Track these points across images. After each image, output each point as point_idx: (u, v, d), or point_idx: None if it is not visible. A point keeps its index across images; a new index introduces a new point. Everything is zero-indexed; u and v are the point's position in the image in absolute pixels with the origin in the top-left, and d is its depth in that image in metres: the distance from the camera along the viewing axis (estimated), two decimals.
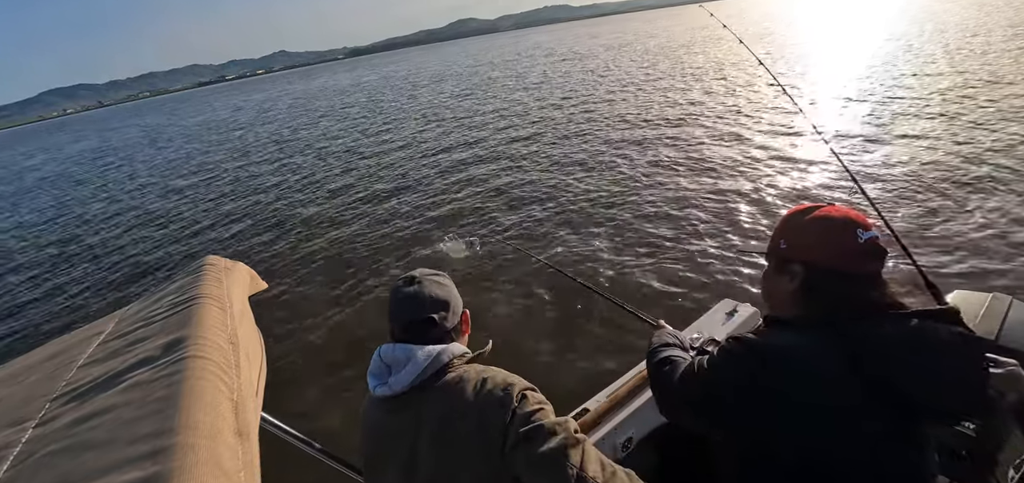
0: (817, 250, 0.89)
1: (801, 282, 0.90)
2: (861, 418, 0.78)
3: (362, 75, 57.43)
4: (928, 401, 0.78)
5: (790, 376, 0.81)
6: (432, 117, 16.40)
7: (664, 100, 12.49)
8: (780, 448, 0.82)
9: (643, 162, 7.63)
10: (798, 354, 0.82)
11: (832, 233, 0.88)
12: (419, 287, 1.05)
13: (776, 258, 0.97)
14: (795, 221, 0.95)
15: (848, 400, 0.78)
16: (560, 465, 0.86)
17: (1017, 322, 1.49)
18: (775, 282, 0.97)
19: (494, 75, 28.41)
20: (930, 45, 14.64)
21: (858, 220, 0.87)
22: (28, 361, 0.93)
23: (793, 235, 0.94)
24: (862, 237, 0.85)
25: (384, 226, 6.78)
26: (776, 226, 1.00)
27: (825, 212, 0.92)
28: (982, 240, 4.02)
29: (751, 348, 0.87)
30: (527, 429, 0.89)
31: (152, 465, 0.49)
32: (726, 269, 4.24)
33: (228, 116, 29.55)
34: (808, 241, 0.91)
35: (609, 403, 1.71)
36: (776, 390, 0.81)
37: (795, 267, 0.91)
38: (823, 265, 0.88)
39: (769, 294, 1.01)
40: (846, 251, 0.86)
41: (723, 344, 0.94)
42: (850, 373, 0.78)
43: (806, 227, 0.92)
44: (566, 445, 0.87)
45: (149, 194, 12.20)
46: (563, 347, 3.63)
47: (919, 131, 6.96)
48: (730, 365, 0.89)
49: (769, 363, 0.83)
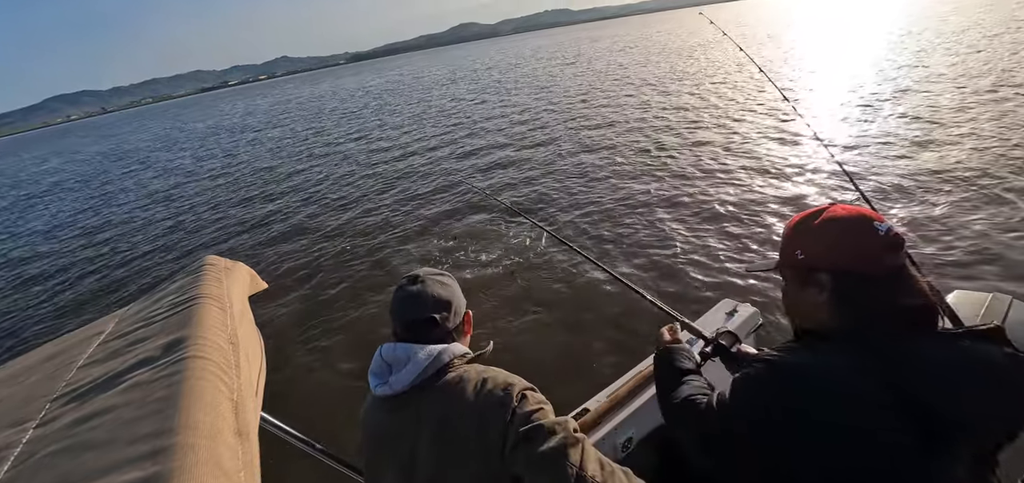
0: (841, 254, 0.84)
1: (831, 291, 0.84)
2: (895, 443, 0.73)
3: (367, 79, 57.44)
4: (975, 425, 0.73)
5: (820, 398, 0.76)
6: (436, 118, 16.42)
7: (663, 101, 12.50)
8: (805, 474, 0.77)
9: (643, 162, 7.63)
10: (831, 375, 0.77)
11: (851, 233, 0.83)
12: (422, 286, 1.06)
13: (795, 270, 0.91)
14: (806, 227, 0.89)
15: (881, 424, 0.73)
16: (560, 464, 0.86)
17: (1017, 322, 1.50)
18: (801, 296, 0.90)
19: (499, 78, 28.43)
20: (929, 45, 14.66)
21: (870, 215, 0.84)
22: (28, 361, 0.93)
23: (809, 242, 0.88)
24: (881, 230, 0.81)
25: (386, 225, 6.77)
26: (783, 237, 0.94)
27: (834, 213, 0.87)
28: (982, 240, 4.02)
29: (776, 368, 0.81)
30: (527, 429, 0.89)
31: (152, 465, 0.49)
32: (725, 269, 4.24)
33: (238, 121, 29.51)
34: (828, 246, 0.85)
35: (609, 403, 1.71)
36: (803, 413, 0.76)
37: (822, 276, 0.85)
38: (851, 269, 0.82)
39: (795, 309, 0.94)
40: (871, 249, 0.81)
41: (746, 369, 0.86)
42: (888, 397, 0.73)
43: (822, 232, 0.87)
44: (566, 444, 0.88)
45: (157, 196, 12.21)
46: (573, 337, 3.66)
47: (918, 130, 6.95)
48: (755, 390, 0.83)
49: (796, 381, 0.78)
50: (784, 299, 0.97)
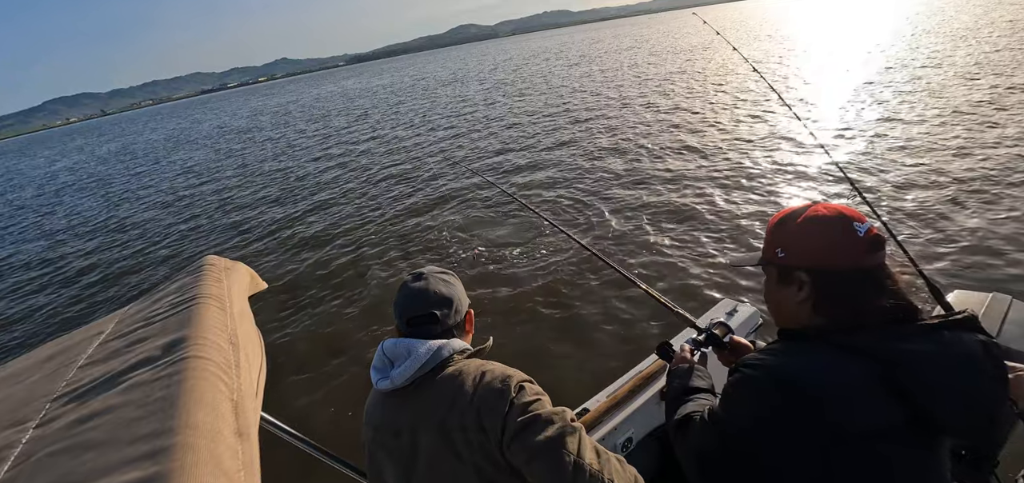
0: (820, 254, 0.85)
1: (810, 290, 0.86)
2: (886, 439, 0.73)
3: (370, 80, 57.51)
4: (954, 420, 0.74)
5: (816, 398, 0.75)
6: (442, 118, 16.41)
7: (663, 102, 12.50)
8: (799, 476, 0.77)
9: (644, 162, 7.63)
10: (820, 375, 0.76)
11: (831, 233, 0.84)
12: (425, 283, 1.09)
13: (776, 268, 0.92)
14: (788, 226, 0.91)
15: (871, 421, 0.73)
16: (557, 452, 0.88)
17: (1017, 322, 1.50)
18: (781, 294, 0.91)
19: (504, 77, 28.43)
20: (927, 45, 14.65)
21: (851, 215, 0.85)
22: (28, 361, 0.93)
23: (790, 241, 0.89)
24: (860, 231, 0.82)
25: (389, 226, 6.78)
26: (767, 234, 0.95)
27: (816, 212, 0.88)
28: (981, 240, 4.02)
29: (770, 372, 0.80)
30: (524, 418, 0.91)
31: (152, 465, 0.49)
32: (726, 269, 4.24)
33: (245, 123, 29.55)
34: (808, 246, 0.87)
35: (609, 403, 1.71)
36: (800, 414, 0.76)
37: (801, 275, 0.87)
38: (830, 269, 0.84)
39: (776, 307, 0.95)
40: (849, 249, 0.82)
41: (740, 373, 0.86)
42: (877, 395, 0.73)
43: (802, 231, 0.88)
44: (563, 433, 0.90)
45: (161, 196, 12.21)
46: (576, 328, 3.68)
47: (916, 130, 6.96)
48: (748, 397, 0.83)
49: (791, 385, 0.77)
50: (767, 296, 0.97)
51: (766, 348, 0.90)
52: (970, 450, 1.13)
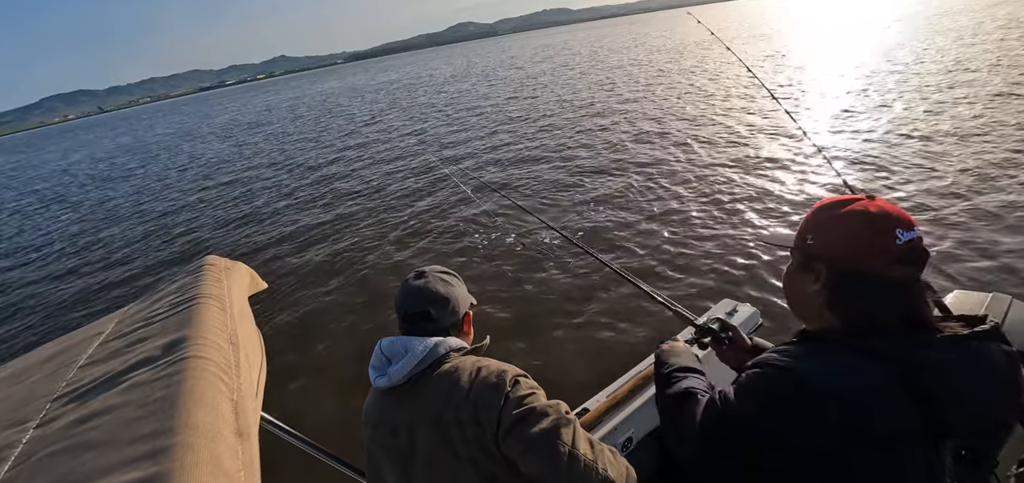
0: (845, 248, 0.79)
1: (824, 283, 0.81)
2: (903, 441, 0.71)
3: (373, 77, 57.49)
4: (972, 425, 0.72)
5: (832, 399, 0.72)
6: (443, 117, 16.41)
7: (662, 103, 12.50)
8: (809, 476, 0.75)
9: (647, 160, 7.63)
10: (844, 378, 0.73)
11: (866, 231, 0.78)
12: (424, 281, 1.11)
13: (801, 254, 0.88)
14: (826, 214, 0.84)
15: (897, 423, 0.71)
16: (552, 444, 0.89)
17: (1017, 322, 1.50)
18: (797, 279, 0.88)
19: (504, 76, 28.41)
20: (927, 44, 14.65)
21: (900, 217, 0.77)
22: (28, 361, 0.93)
23: (822, 230, 0.84)
24: (901, 238, 0.75)
25: (390, 225, 6.78)
26: (804, 218, 0.90)
27: (862, 206, 0.81)
28: (981, 240, 4.02)
29: (787, 370, 0.77)
30: (520, 411, 0.92)
31: (152, 465, 0.49)
32: (727, 269, 4.24)
33: (248, 121, 29.56)
34: (836, 238, 0.81)
35: (609, 403, 1.71)
36: (814, 414, 0.73)
37: (818, 265, 0.82)
38: (849, 266, 0.79)
39: (791, 293, 0.91)
40: (878, 254, 0.76)
41: (757, 368, 0.82)
42: (904, 396, 0.71)
43: (837, 222, 0.82)
44: (558, 425, 0.91)
45: (162, 195, 12.21)
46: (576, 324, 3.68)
47: (915, 130, 6.95)
48: (763, 390, 0.79)
49: (807, 384, 0.74)
50: (785, 279, 0.94)
51: (785, 348, 0.86)
52: (970, 450, 1.13)
